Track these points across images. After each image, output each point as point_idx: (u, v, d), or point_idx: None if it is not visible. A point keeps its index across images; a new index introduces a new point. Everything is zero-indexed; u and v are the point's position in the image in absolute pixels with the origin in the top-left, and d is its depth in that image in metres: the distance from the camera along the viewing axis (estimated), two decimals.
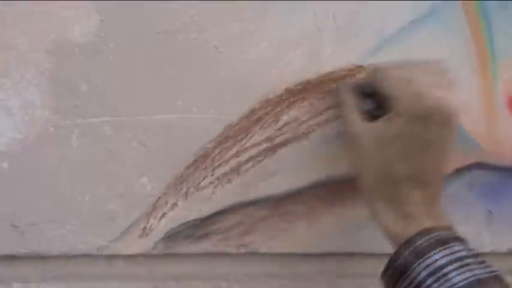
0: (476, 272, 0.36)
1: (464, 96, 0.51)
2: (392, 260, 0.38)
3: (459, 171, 0.52)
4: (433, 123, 0.41)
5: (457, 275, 0.35)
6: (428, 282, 0.36)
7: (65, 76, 0.43)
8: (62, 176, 0.45)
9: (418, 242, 0.37)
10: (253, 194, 0.48)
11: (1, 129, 0.43)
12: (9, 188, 0.44)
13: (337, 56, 0.48)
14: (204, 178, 0.47)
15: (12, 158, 0.44)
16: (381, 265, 0.51)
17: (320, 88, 0.49)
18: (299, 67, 0.48)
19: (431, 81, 0.46)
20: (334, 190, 0.50)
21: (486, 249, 0.53)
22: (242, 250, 0.49)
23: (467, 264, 0.36)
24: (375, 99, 0.43)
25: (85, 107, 0.44)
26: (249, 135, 0.48)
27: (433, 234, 0.38)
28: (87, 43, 0.43)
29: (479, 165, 0.53)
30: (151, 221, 0.47)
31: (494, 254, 0.53)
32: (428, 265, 0.36)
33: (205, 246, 0.48)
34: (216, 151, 0.47)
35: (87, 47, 0.44)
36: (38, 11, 0.42)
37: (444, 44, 0.51)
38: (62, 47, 0.43)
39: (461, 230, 0.53)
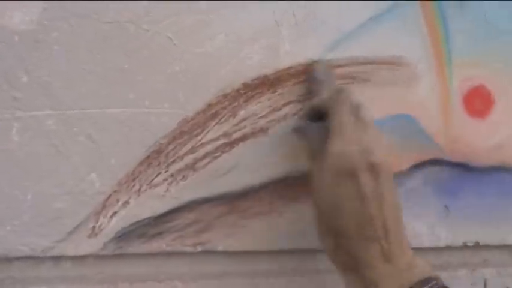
0: None
1: (421, 93, 0.47)
2: None
3: (416, 167, 0.48)
4: (366, 176, 0.34)
5: None
6: None
7: (2, 66, 0.36)
8: (1, 173, 0.37)
9: None
10: (209, 191, 0.42)
11: None
12: None
13: (295, 51, 0.43)
14: (157, 175, 0.41)
15: None
16: None
17: (278, 83, 0.43)
18: (257, 62, 0.42)
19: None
20: (294, 187, 0.44)
21: (442, 244, 0.49)
22: (199, 249, 0.43)
23: None
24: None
25: (26, 99, 0.37)
26: (205, 131, 0.42)
27: None
28: (29, 31, 0.36)
29: (436, 162, 0.49)
30: (101, 220, 0.40)
31: (449, 248, 0.49)
32: None
33: (159, 245, 0.41)
34: (170, 147, 0.41)
35: (29, 36, 0.36)
36: None
37: (402, 41, 0.46)
38: (0, 35, 0.36)
39: (418, 224, 0.49)
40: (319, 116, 0.38)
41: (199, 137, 0.42)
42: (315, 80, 0.41)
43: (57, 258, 0.40)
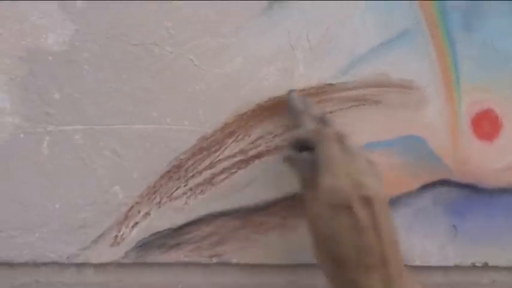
0: None
1: (430, 115, 0.47)
2: None
3: (425, 187, 0.48)
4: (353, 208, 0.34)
5: None
6: None
7: (37, 84, 0.38)
8: (32, 183, 0.38)
9: None
10: (225, 205, 0.42)
11: None
12: None
13: (309, 73, 0.43)
14: (177, 188, 0.42)
15: None
16: None
17: None
18: (272, 83, 0.42)
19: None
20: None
21: (450, 263, 0.48)
22: (214, 260, 0.43)
23: None
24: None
25: (57, 115, 0.38)
26: (223, 148, 0.42)
27: None
28: (61, 52, 0.38)
29: (444, 182, 0.48)
30: (123, 229, 0.40)
31: (458, 267, 0.48)
32: None
33: (177, 256, 0.42)
34: (190, 162, 0.41)
35: (61, 56, 0.38)
36: (12, 17, 0.37)
37: (411, 65, 0.47)
38: (35, 55, 0.37)
39: (427, 243, 0.48)
40: (305, 146, 0.38)
41: (217, 154, 0.43)
42: (293, 109, 0.40)
43: (81, 265, 0.40)
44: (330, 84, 0.44)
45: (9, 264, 0.39)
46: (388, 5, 0.45)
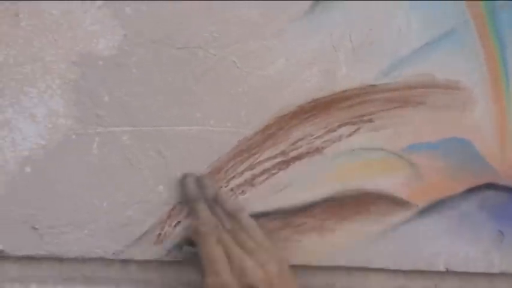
0: None
1: (477, 117, 0.52)
2: None
3: (470, 191, 0.53)
4: None
5: None
6: None
7: (88, 87, 0.45)
8: (82, 182, 0.46)
9: None
10: (266, 206, 0.49)
11: (26, 135, 0.45)
12: (30, 191, 0.45)
13: (352, 74, 0.49)
14: (219, 189, 0.47)
15: (35, 163, 0.45)
16: (388, 280, 0.51)
17: (333, 105, 0.49)
18: (314, 85, 0.48)
19: None
20: (346, 205, 0.51)
21: (495, 270, 0.53)
22: None
23: None
24: None
25: (106, 116, 0.46)
26: (263, 149, 0.49)
27: None
28: (111, 56, 0.45)
29: (491, 186, 0.53)
30: (166, 228, 0.47)
31: (503, 274, 0.52)
32: None
33: None
34: (231, 163, 0.48)
35: (111, 60, 0.45)
36: (66, 25, 0.43)
37: (458, 66, 0.51)
38: (87, 59, 0.45)
39: (471, 249, 0.52)
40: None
41: (257, 155, 0.48)
42: (187, 196, 0.47)
43: (125, 262, 0.48)
44: (372, 85, 0.50)
45: (59, 259, 0.46)
46: (433, 5, 0.50)
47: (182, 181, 0.47)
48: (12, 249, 0.46)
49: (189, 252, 0.46)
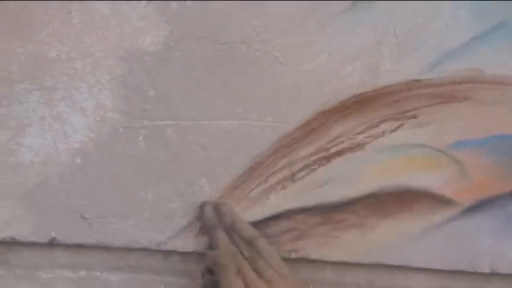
0: None
1: None
2: None
3: None
4: None
5: None
6: None
7: (135, 82, 0.47)
8: (128, 174, 0.49)
9: None
10: (306, 201, 0.51)
11: (76, 128, 0.48)
12: (81, 182, 0.48)
13: (395, 70, 0.49)
14: (259, 183, 0.50)
15: (85, 155, 0.48)
16: (430, 280, 0.51)
17: (376, 101, 0.49)
18: (357, 80, 0.49)
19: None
20: (386, 202, 0.51)
21: None
22: (293, 255, 0.51)
23: None
24: None
25: (152, 110, 0.48)
26: (304, 144, 0.50)
27: None
28: (157, 51, 0.47)
29: None
30: None
31: None
32: None
33: None
34: (272, 158, 0.50)
35: (157, 55, 0.47)
36: (115, 21, 0.46)
37: (507, 60, 0.51)
38: (134, 55, 0.47)
39: None
40: None
41: (298, 150, 0.50)
42: (205, 225, 0.49)
43: (168, 253, 0.50)
44: (417, 80, 0.50)
45: (106, 248, 0.49)
46: None
47: (200, 209, 0.49)
48: (63, 237, 0.49)
49: (210, 281, 0.47)
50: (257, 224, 0.50)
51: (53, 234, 0.49)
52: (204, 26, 0.48)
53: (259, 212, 0.51)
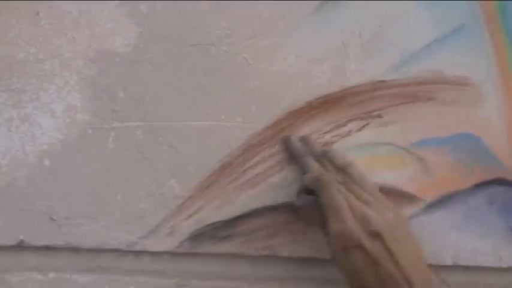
0: None
1: (486, 113, 0.54)
2: None
3: (479, 186, 0.55)
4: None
5: None
6: None
7: (105, 83, 0.48)
8: (98, 175, 0.49)
9: None
10: (276, 199, 0.51)
11: (45, 129, 0.48)
12: (49, 183, 0.49)
13: (361, 71, 0.51)
14: (229, 182, 0.51)
15: (53, 156, 0.49)
16: None
17: (343, 101, 0.51)
18: (324, 81, 0.51)
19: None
20: None
21: (505, 264, 0.55)
22: (264, 253, 0.53)
23: None
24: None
25: (122, 112, 0.49)
26: (273, 144, 0.51)
27: None
28: (127, 53, 0.48)
29: (500, 181, 0.55)
30: (178, 221, 0.50)
31: None
32: None
33: (228, 247, 0.51)
34: (242, 157, 0.51)
35: (126, 57, 0.48)
36: (84, 22, 0.47)
37: (467, 62, 0.53)
38: (104, 56, 0.48)
39: (480, 243, 0.55)
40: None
41: (267, 150, 0.51)
42: (295, 154, 0.50)
43: (139, 253, 0.51)
44: (382, 81, 0.52)
45: (75, 249, 0.50)
46: (443, 1, 0.51)
47: (287, 141, 0.50)
48: (32, 239, 0.49)
49: (306, 200, 0.48)
50: (229, 223, 0.52)
51: (21, 237, 0.49)
52: (173, 27, 0.49)
53: (230, 211, 0.52)
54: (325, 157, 0.48)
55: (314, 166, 0.48)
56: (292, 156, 0.51)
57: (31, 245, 0.50)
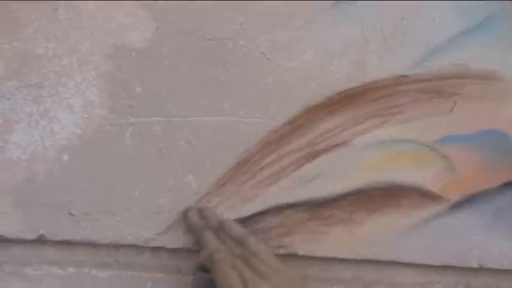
0: None
1: None
2: None
3: (507, 185, 0.53)
4: None
5: None
6: None
7: (122, 78, 0.49)
8: (116, 171, 0.50)
9: None
10: (293, 197, 0.52)
11: (64, 125, 0.49)
12: (68, 179, 0.50)
13: (382, 66, 0.51)
14: (246, 180, 0.51)
15: (72, 152, 0.50)
16: (418, 275, 0.53)
17: (362, 97, 0.51)
18: (344, 76, 0.51)
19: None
20: (373, 198, 0.53)
21: None
22: (281, 251, 0.53)
23: None
24: None
25: (139, 107, 0.49)
26: (291, 140, 0.51)
27: None
28: (144, 48, 0.49)
29: None
30: None
31: None
32: None
33: None
34: (259, 154, 0.51)
35: (143, 52, 0.49)
36: (101, 17, 0.47)
37: (495, 55, 0.52)
38: (121, 51, 0.49)
39: (506, 244, 0.53)
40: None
41: (285, 146, 0.51)
42: (192, 228, 0.50)
43: (156, 249, 0.52)
44: (404, 76, 0.51)
45: (94, 245, 0.51)
46: None
47: (184, 215, 0.51)
48: (51, 234, 0.51)
49: (202, 279, 0.48)
50: (245, 220, 0.52)
51: (41, 231, 0.50)
52: (190, 22, 0.49)
53: (247, 208, 0.52)
54: (221, 230, 0.48)
55: (210, 241, 0.47)
56: (190, 231, 0.50)
57: (50, 240, 0.51)
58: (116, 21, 0.48)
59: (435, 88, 0.52)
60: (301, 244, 0.52)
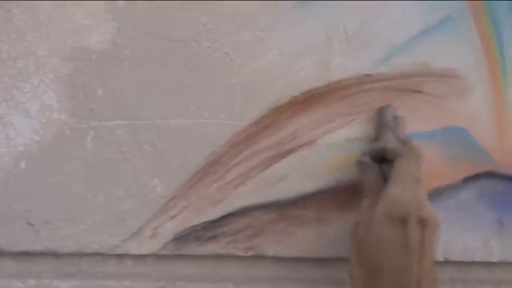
0: None
1: (474, 105, 0.55)
2: None
3: (468, 179, 0.56)
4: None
5: None
6: None
7: (82, 81, 0.48)
8: (77, 177, 0.49)
9: None
10: (261, 198, 0.52)
11: (20, 130, 0.48)
12: (26, 187, 0.49)
13: (346, 65, 0.52)
14: (213, 182, 0.51)
15: (30, 159, 0.49)
16: None
17: (328, 96, 0.52)
18: (309, 76, 0.51)
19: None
20: (341, 196, 0.54)
21: (495, 259, 0.56)
22: (250, 253, 0.53)
23: None
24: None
25: (100, 110, 0.49)
26: (258, 141, 0.51)
27: None
28: (104, 50, 0.48)
29: (490, 175, 0.56)
30: (162, 222, 0.50)
31: (503, 263, 0.56)
32: None
33: (213, 248, 0.51)
34: (226, 156, 0.51)
35: (104, 54, 0.48)
36: (58, 18, 0.46)
37: (454, 53, 0.54)
38: (80, 53, 0.48)
39: (470, 238, 0.56)
40: (381, 158, 0.48)
41: (252, 147, 0.51)
42: (383, 124, 0.51)
43: (122, 256, 0.51)
44: (368, 75, 0.53)
45: (55, 254, 0.50)
46: None
47: (382, 109, 0.51)
48: (9, 245, 0.49)
49: (369, 165, 0.48)
50: (213, 223, 0.52)
51: None
52: (153, 22, 0.49)
53: (215, 211, 0.52)
54: (404, 144, 0.49)
55: (394, 141, 0.49)
56: (380, 123, 0.51)
57: (8, 251, 0.49)
58: (75, 22, 0.47)
59: (398, 86, 0.54)
60: (270, 245, 0.53)
